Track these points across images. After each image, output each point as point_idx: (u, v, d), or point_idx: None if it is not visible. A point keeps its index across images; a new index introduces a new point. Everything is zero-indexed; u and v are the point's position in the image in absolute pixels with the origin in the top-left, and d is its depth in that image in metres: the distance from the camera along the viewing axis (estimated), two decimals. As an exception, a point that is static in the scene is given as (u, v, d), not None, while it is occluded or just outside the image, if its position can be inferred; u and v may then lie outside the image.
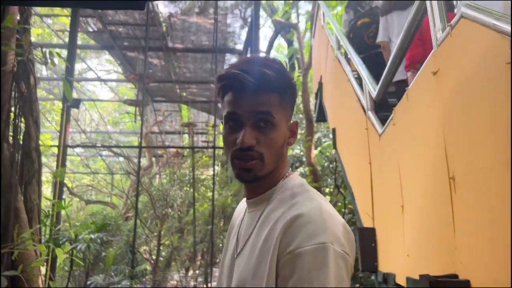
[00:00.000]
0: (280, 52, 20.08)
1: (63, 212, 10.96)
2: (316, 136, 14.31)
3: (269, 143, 1.04)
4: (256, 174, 1.04)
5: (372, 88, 3.13)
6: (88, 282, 6.69)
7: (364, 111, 3.42)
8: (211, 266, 9.21)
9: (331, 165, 17.85)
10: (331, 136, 5.94)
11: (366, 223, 3.46)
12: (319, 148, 14.53)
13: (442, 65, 1.68)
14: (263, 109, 1.03)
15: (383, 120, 3.09)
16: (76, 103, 7.52)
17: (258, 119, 1.03)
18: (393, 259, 2.69)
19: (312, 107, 12.53)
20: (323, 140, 22.50)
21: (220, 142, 9.08)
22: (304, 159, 24.58)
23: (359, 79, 4.02)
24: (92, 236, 6.56)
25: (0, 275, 1.95)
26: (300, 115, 15.47)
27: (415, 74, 4.26)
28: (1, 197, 3.55)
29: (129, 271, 7.56)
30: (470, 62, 1.51)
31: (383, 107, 3.61)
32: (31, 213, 4.05)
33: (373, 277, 3.43)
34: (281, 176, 1.12)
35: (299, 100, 11.95)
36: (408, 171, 2.25)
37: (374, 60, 4.26)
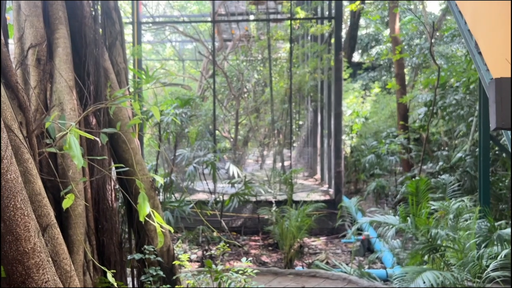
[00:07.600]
0: None
1: (144, 95, 11.22)
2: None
3: None
4: None
5: None
6: (176, 154, 6.92)
7: None
8: (290, 144, 9.17)
9: (413, 42, 16.50)
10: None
11: (498, 73, 2.91)
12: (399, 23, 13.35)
13: None
14: None
15: None
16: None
17: None
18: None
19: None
20: (402, 15, 20.66)
21: (298, 14, 8.31)
22: (379, 37, 22.94)
23: None
24: (177, 111, 6.60)
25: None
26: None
27: None
28: (88, 56, 3.38)
29: (212, 146, 7.70)
30: None
31: None
32: (119, 76, 3.91)
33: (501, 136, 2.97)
34: None
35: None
36: None
37: None
